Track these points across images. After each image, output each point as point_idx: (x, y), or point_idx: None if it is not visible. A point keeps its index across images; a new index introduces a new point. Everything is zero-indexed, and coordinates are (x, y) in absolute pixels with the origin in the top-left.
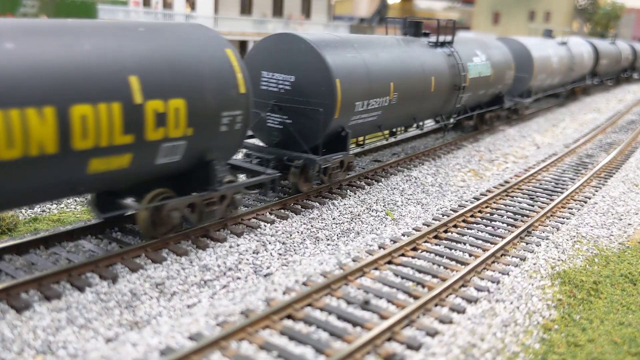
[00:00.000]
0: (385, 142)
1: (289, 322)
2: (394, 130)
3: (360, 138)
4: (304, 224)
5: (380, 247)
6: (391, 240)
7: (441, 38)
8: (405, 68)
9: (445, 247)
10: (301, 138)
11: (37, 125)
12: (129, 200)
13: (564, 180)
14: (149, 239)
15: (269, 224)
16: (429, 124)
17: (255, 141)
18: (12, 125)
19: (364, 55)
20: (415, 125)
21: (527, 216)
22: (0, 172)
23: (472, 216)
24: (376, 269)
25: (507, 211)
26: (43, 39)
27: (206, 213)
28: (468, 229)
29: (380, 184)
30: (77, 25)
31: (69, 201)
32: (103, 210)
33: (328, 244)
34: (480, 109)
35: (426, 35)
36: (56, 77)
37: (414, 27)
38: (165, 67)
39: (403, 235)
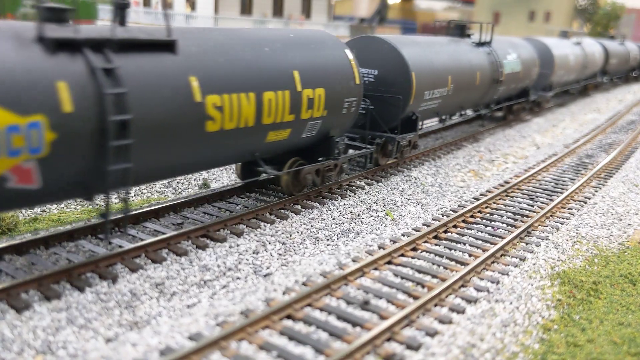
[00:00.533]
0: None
1: (288, 322)
2: (444, 117)
3: (419, 123)
4: (304, 224)
5: (380, 247)
6: (391, 241)
7: (478, 38)
8: (459, 64)
9: (445, 247)
10: (382, 120)
11: (246, 106)
12: (267, 168)
13: (563, 181)
14: (289, 195)
15: (269, 224)
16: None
17: None
18: (233, 105)
19: (429, 53)
20: (459, 113)
21: (527, 216)
22: (223, 138)
23: (471, 216)
24: (376, 269)
25: (506, 211)
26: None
27: (326, 177)
28: (468, 229)
29: (380, 184)
30: (254, 32)
31: (69, 201)
32: (244, 177)
33: (328, 244)
34: (510, 101)
35: (468, 36)
36: (254, 71)
37: (459, 29)
38: (313, 63)
39: (403, 235)
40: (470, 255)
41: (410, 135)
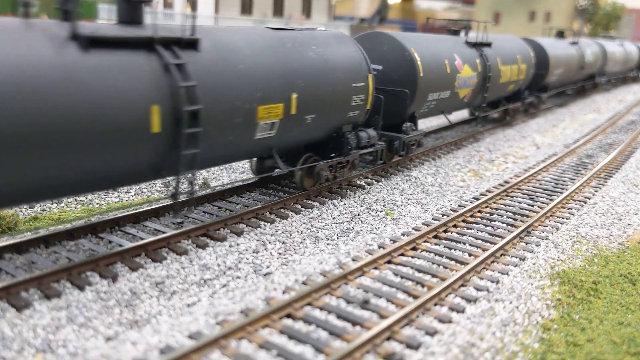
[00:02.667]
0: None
1: (288, 321)
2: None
3: (548, 89)
4: (304, 223)
5: (379, 247)
6: (391, 240)
7: (570, 40)
8: (566, 55)
9: (444, 246)
10: (534, 84)
11: (509, 71)
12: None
13: (563, 181)
14: (500, 121)
15: (269, 223)
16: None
17: None
18: (506, 71)
19: (553, 47)
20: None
21: (527, 216)
22: (501, 87)
23: (471, 216)
24: (376, 268)
25: (506, 211)
26: (504, 42)
27: (516, 114)
28: (468, 228)
29: (380, 183)
30: (499, 36)
31: (69, 200)
32: (472, 114)
33: (328, 244)
34: (582, 82)
35: (564, 37)
36: (508, 55)
37: (560, 34)
38: (520, 50)
39: (403, 234)
40: (470, 255)
41: (545, 95)
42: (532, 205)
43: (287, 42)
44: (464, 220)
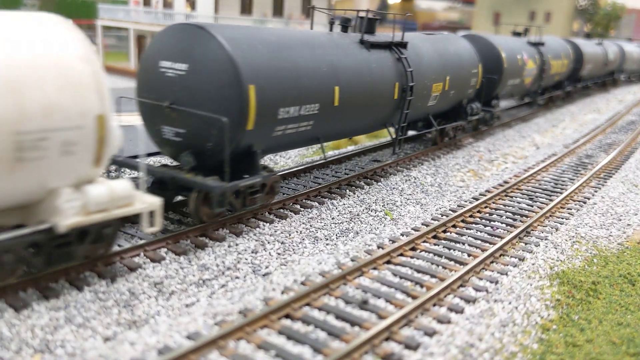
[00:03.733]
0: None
1: (287, 322)
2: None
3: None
4: (303, 223)
5: (379, 247)
6: (390, 240)
7: (596, 40)
8: (594, 53)
9: (444, 247)
10: (571, 77)
11: (555, 64)
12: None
13: (563, 181)
14: (539, 106)
15: (268, 224)
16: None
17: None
18: (552, 64)
19: (587, 47)
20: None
21: (526, 216)
22: (550, 77)
23: (471, 216)
24: (375, 268)
25: (506, 211)
26: (551, 42)
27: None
28: (467, 229)
29: (379, 183)
30: (547, 38)
31: None
32: (522, 99)
33: (327, 244)
34: (604, 77)
35: (590, 39)
36: (555, 52)
37: (587, 35)
38: (564, 50)
39: (402, 235)
40: (469, 255)
41: (579, 84)
42: (532, 206)
43: (438, 42)
44: (463, 221)
